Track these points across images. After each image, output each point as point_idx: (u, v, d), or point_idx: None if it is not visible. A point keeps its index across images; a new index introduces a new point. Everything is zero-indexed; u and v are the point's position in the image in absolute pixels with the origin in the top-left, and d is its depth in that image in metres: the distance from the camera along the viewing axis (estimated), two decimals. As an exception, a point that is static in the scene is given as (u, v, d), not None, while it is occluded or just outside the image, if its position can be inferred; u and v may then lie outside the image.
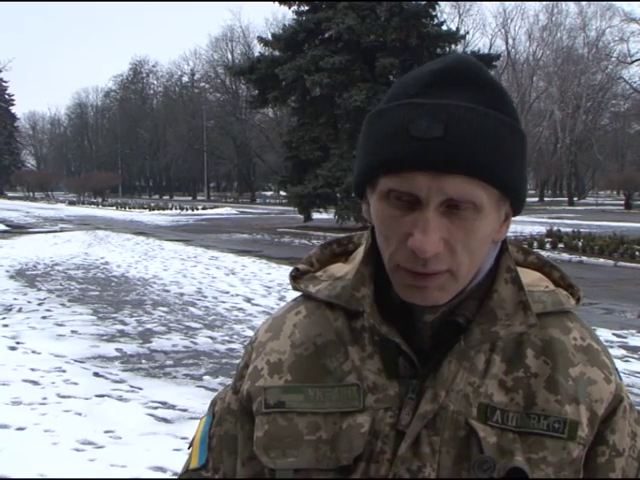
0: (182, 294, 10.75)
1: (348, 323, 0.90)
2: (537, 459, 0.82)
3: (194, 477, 0.98)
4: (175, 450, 4.38)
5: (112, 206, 48.96)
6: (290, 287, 0.97)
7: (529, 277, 0.91)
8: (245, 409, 0.93)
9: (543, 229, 21.24)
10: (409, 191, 0.78)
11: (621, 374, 0.92)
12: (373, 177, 0.82)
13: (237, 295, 10.59)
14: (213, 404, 1.01)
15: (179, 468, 1.04)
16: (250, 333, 7.85)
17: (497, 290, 0.86)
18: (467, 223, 0.79)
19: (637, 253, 15.63)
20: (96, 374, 6.18)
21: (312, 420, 0.87)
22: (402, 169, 0.77)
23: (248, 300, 10.18)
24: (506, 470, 0.81)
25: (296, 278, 0.96)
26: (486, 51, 35.49)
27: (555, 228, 20.01)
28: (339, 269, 0.95)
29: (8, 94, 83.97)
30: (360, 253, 0.93)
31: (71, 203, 55.89)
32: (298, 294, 0.97)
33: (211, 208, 44.46)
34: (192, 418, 5.00)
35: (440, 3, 26.31)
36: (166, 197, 75.34)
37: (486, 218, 0.80)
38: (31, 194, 75.47)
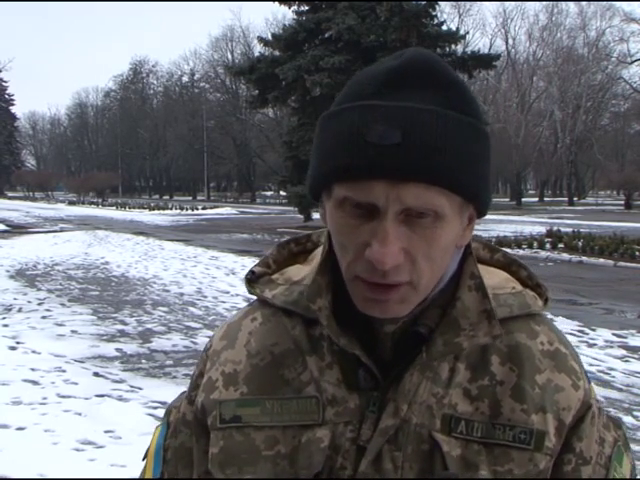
0: (182, 294, 10.75)
1: (306, 331, 0.86)
2: (503, 471, 0.79)
3: None
4: (175, 450, 4.38)
5: (112, 206, 48.96)
6: None
7: (495, 278, 0.87)
8: (200, 422, 0.88)
9: (543, 229, 21.24)
10: (366, 200, 0.73)
11: (593, 374, 0.89)
12: (327, 183, 0.77)
13: (237, 295, 10.59)
14: (168, 413, 0.96)
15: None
16: (250, 333, 7.86)
17: (460, 298, 0.82)
18: (428, 232, 0.74)
19: (637, 253, 15.62)
20: (96, 374, 6.18)
21: (270, 434, 0.83)
22: (357, 177, 0.73)
23: (248, 300, 10.08)
24: None
25: (251, 281, 0.92)
26: (486, 51, 35.47)
27: (555, 228, 20.01)
28: (297, 272, 0.90)
29: (8, 94, 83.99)
30: (318, 255, 0.89)
31: (71, 203, 55.88)
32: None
33: (211, 208, 44.46)
34: (192, 418, 5.01)
35: (440, 3, 26.35)
36: (166, 197, 75.35)
37: (448, 225, 0.76)
38: (31, 194, 75.47)
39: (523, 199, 54.20)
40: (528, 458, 0.80)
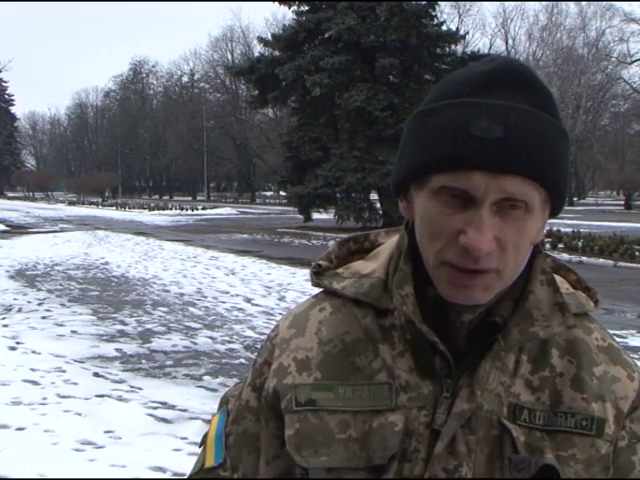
0: (182, 294, 10.75)
1: (377, 321, 0.90)
2: (566, 456, 0.83)
3: (210, 476, 0.96)
4: (175, 450, 4.38)
5: (112, 206, 48.97)
6: (290, 287, 0.95)
7: None
8: (270, 406, 0.91)
9: (543, 229, 21.20)
10: (464, 188, 0.78)
11: None
12: (424, 174, 0.81)
13: (237, 295, 10.59)
14: (225, 402, 0.99)
15: (179, 468, 1.03)
16: (250, 333, 7.86)
17: (533, 291, 0.87)
18: (519, 223, 0.80)
19: (637, 253, 15.63)
20: (96, 374, 6.18)
21: (342, 418, 0.86)
22: (460, 167, 0.78)
23: (248, 300, 10.17)
24: (537, 468, 0.82)
25: (318, 274, 0.95)
26: (486, 51, 35.51)
27: (555, 228, 20.01)
28: (363, 266, 0.94)
29: (8, 94, 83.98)
30: (383, 252, 0.94)
31: (71, 203, 55.88)
32: (318, 290, 0.96)
33: (211, 208, 44.47)
34: (192, 418, 5.01)
35: (440, 3, 26.30)
36: (166, 197, 75.34)
37: (536, 218, 0.82)
38: (31, 194, 75.45)
39: (523, 199, 54.09)
40: (590, 444, 0.84)
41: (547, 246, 17.64)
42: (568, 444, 0.84)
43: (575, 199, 54.66)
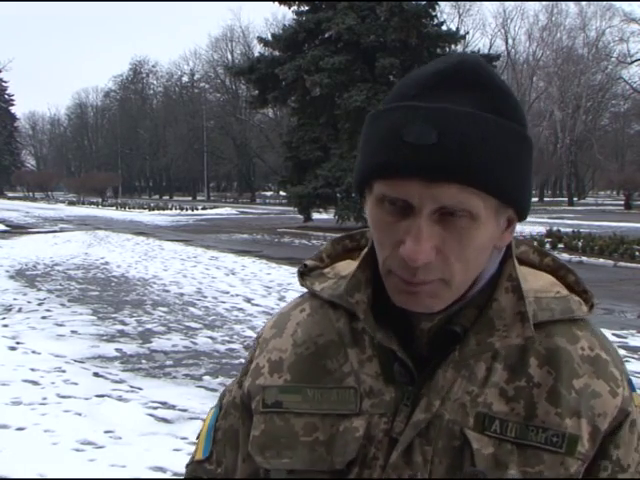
0: (182, 294, 10.75)
1: (349, 324, 0.89)
2: (533, 473, 0.80)
3: (198, 470, 0.99)
4: (175, 450, 4.38)
5: (112, 206, 48.97)
6: (290, 287, 0.96)
7: (540, 281, 0.88)
8: (246, 406, 0.93)
9: (543, 229, 21.23)
10: (401, 197, 0.76)
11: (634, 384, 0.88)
12: (368, 180, 0.80)
13: (237, 295, 10.59)
14: (222, 396, 1.01)
15: (179, 468, 1.04)
16: (250, 333, 7.86)
17: (497, 299, 0.83)
18: (462, 232, 0.76)
19: (637, 253, 15.62)
20: (96, 374, 6.18)
21: (309, 421, 0.86)
22: (394, 175, 0.75)
23: (248, 300, 10.17)
24: None
25: (303, 274, 0.95)
26: (486, 51, 35.50)
27: (555, 228, 20.02)
28: (346, 267, 0.93)
29: (8, 94, 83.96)
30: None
31: (71, 203, 55.89)
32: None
33: (211, 208, 44.47)
34: (192, 418, 5.01)
35: (440, 3, 26.32)
36: (166, 197, 75.36)
37: (483, 227, 0.77)
38: (31, 194, 75.46)
39: (523, 199, 54.10)
40: (559, 461, 0.80)
41: (547, 246, 17.64)
42: (536, 460, 0.80)
43: (575, 199, 54.66)
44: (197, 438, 1.02)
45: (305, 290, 0.96)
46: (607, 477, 0.82)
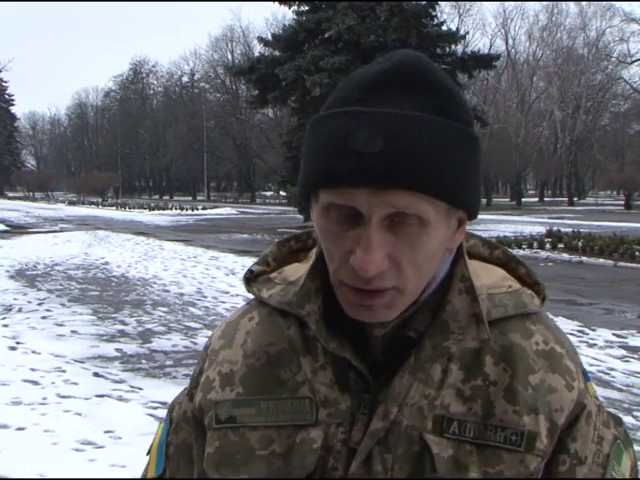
0: (182, 294, 10.75)
1: (301, 331, 0.86)
2: (493, 472, 0.79)
3: None
4: (175, 450, 4.37)
5: (112, 206, 48.97)
6: None
7: (492, 277, 0.87)
8: (198, 421, 0.89)
9: (543, 229, 21.24)
10: (350, 205, 0.73)
11: (593, 374, 0.87)
12: (314, 189, 0.77)
13: (237, 295, 10.58)
14: (171, 409, 0.97)
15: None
16: (250, 333, 7.86)
17: (451, 301, 0.82)
18: (413, 238, 0.74)
19: (637, 253, 15.62)
20: (96, 374, 6.18)
21: (265, 434, 0.83)
22: (340, 184, 0.72)
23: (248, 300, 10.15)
24: None
25: (250, 280, 0.91)
26: (486, 51, 35.47)
27: (555, 228, 20.02)
28: (294, 271, 0.90)
29: (8, 94, 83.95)
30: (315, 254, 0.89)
31: (71, 203, 55.88)
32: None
33: (211, 208, 44.48)
34: (192, 418, 5.00)
35: (440, 3, 26.34)
36: (166, 197, 75.35)
37: (434, 231, 0.75)
38: (31, 194, 75.42)
39: (523, 199, 54.19)
40: (519, 460, 0.79)
41: (547, 246, 17.65)
42: (496, 460, 0.79)
43: (575, 199, 54.67)
44: (147, 454, 0.98)
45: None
46: (566, 470, 0.82)
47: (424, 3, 24.66)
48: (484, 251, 0.91)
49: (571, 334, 7.96)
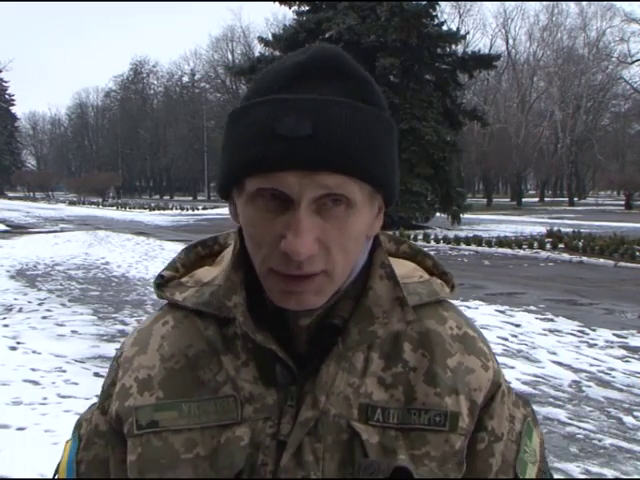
0: (182, 294, 10.74)
1: (220, 331, 0.85)
2: (420, 455, 0.81)
3: None
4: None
5: (112, 206, 49.00)
6: None
7: (403, 268, 0.89)
8: (115, 431, 0.87)
9: (543, 229, 21.26)
10: (279, 188, 0.74)
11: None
12: (239, 179, 0.77)
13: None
14: (78, 426, 0.94)
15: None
16: (250, 333, 7.87)
17: (372, 287, 0.83)
18: (341, 220, 0.75)
19: (637, 253, 15.62)
20: (96, 374, 6.18)
21: (188, 437, 0.82)
22: (270, 170, 0.73)
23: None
24: (390, 470, 0.79)
25: (161, 286, 0.91)
26: (486, 51, 35.47)
27: (555, 228, 20.05)
28: (206, 274, 0.90)
29: (8, 94, 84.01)
30: (228, 255, 0.89)
31: (71, 203, 55.91)
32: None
33: (211, 208, 44.45)
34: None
35: (440, 3, 26.31)
36: (166, 197, 75.42)
37: (360, 214, 0.77)
38: (31, 194, 75.49)
39: (523, 199, 54.21)
40: (444, 440, 0.82)
41: (547, 246, 17.65)
42: (422, 442, 0.81)
43: (576, 199, 54.67)
44: (55, 475, 0.94)
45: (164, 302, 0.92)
46: (484, 447, 0.85)
47: (424, 3, 24.63)
48: (391, 247, 0.94)
49: (571, 334, 7.96)
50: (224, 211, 42.47)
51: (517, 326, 8.39)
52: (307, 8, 26.76)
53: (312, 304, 0.78)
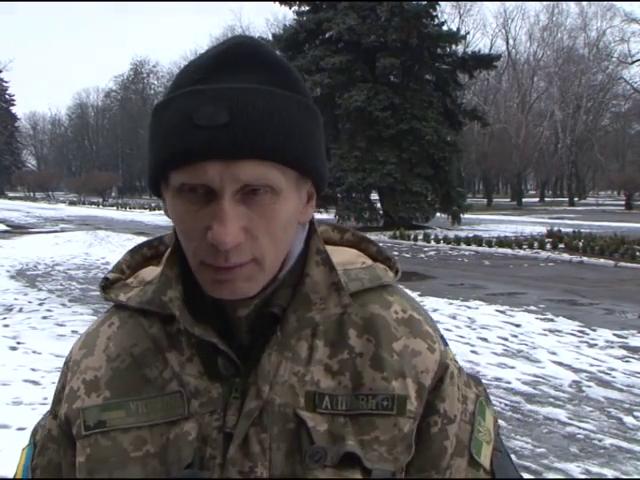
0: (183, 294, 10.75)
1: (164, 328, 0.86)
2: (369, 440, 0.81)
3: None
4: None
5: (112, 206, 49.00)
6: None
7: (345, 255, 0.89)
8: (65, 434, 0.87)
9: (543, 229, 21.26)
10: (201, 182, 0.74)
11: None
12: (164, 173, 0.78)
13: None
14: (34, 433, 0.94)
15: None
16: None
17: (309, 274, 0.84)
18: (266, 208, 0.76)
19: (637, 253, 15.62)
20: (97, 374, 6.19)
21: (137, 435, 0.82)
22: (191, 161, 0.73)
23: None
24: (339, 456, 0.79)
25: (106, 288, 0.92)
26: (487, 51, 35.47)
27: (556, 228, 20.05)
28: (150, 273, 0.91)
29: (9, 94, 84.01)
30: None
31: (72, 203, 55.91)
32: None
33: (212, 208, 44.49)
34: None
35: (441, 3, 26.30)
36: (167, 197, 75.26)
37: (286, 201, 0.77)
38: (32, 194, 75.48)
39: (523, 199, 54.19)
40: (392, 423, 0.82)
41: (548, 246, 17.65)
42: (370, 427, 0.81)
43: (576, 199, 54.67)
44: None
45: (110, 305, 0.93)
46: (438, 430, 0.84)
47: (425, 3, 24.63)
48: (334, 235, 0.94)
49: (571, 334, 7.97)
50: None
51: (517, 326, 8.40)
52: (307, 8, 26.76)
53: (244, 292, 0.78)
